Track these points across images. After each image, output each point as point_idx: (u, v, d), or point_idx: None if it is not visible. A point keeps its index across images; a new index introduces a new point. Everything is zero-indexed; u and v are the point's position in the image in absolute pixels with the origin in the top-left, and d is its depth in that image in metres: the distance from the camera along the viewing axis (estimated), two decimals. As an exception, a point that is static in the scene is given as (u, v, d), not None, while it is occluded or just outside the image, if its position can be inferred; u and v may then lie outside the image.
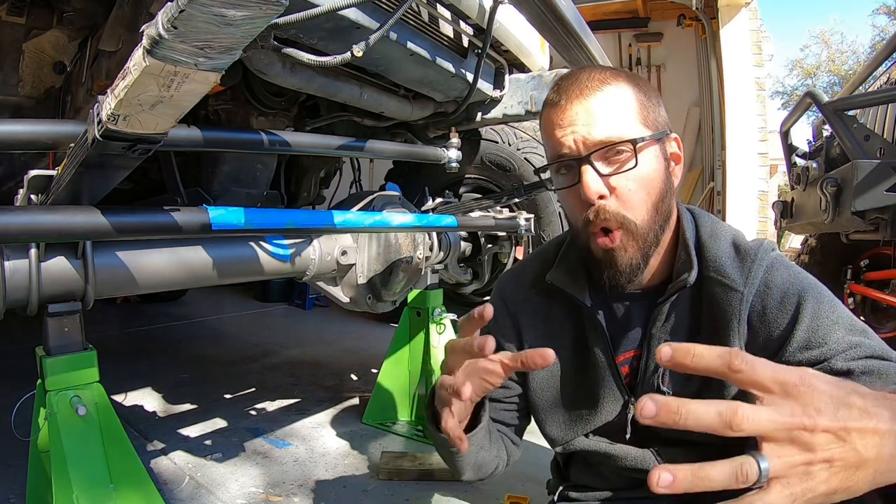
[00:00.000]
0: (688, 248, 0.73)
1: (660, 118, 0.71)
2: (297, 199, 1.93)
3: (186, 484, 1.34)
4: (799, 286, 0.70)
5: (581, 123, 0.67)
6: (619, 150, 0.67)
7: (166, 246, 1.03)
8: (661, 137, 0.71)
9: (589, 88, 0.68)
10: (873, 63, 2.09)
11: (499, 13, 1.23)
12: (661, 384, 0.76)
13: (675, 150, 0.74)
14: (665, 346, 0.40)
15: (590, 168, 0.67)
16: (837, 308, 0.69)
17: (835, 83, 15.81)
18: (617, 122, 0.67)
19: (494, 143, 2.35)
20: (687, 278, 0.71)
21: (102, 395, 0.86)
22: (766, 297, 0.70)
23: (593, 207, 0.68)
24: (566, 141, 0.68)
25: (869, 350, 0.64)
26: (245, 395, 2.02)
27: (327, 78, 1.18)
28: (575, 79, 0.69)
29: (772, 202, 2.85)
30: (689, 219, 0.76)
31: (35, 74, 1.27)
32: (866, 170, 1.55)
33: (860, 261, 2.61)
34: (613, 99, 0.68)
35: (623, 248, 0.69)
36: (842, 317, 0.67)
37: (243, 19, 0.47)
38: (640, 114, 0.69)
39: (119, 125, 0.60)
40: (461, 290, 2.45)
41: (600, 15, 5.35)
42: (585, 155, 0.67)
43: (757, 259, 0.71)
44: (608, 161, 0.68)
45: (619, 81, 0.69)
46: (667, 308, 0.74)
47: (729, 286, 0.71)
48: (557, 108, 0.69)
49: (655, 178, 0.70)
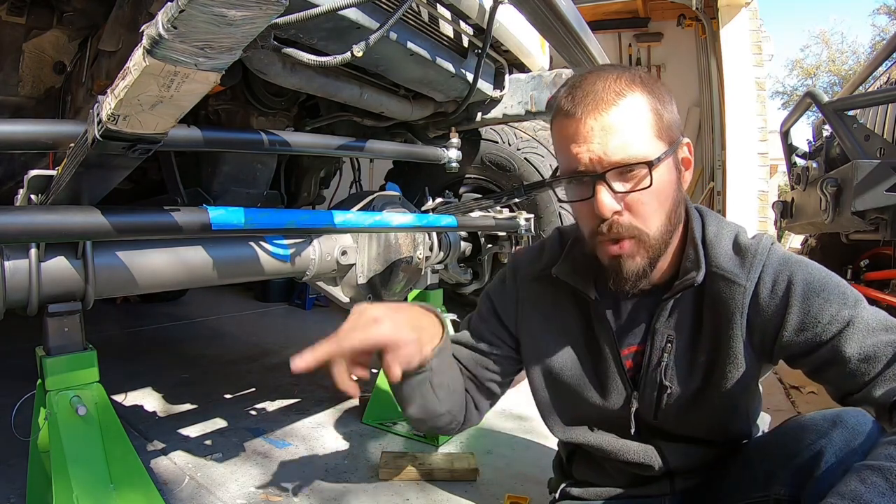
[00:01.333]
0: (696, 248, 0.74)
1: (674, 125, 0.71)
2: (297, 199, 1.93)
3: (186, 484, 1.34)
4: (789, 269, 0.70)
5: (597, 141, 0.66)
6: (634, 168, 0.66)
7: (166, 246, 1.03)
8: (675, 149, 0.71)
9: (605, 102, 0.66)
10: (873, 63, 2.09)
11: (499, 13, 1.23)
12: (663, 378, 0.77)
13: (686, 155, 0.74)
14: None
15: (604, 187, 0.67)
16: (828, 283, 0.68)
17: (835, 83, 15.81)
18: (633, 141, 0.66)
19: (494, 143, 2.35)
20: (695, 277, 0.73)
21: (102, 395, 0.86)
22: (762, 287, 0.71)
23: (606, 222, 0.68)
24: (582, 158, 0.67)
25: (863, 325, 0.65)
26: (245, 395, 2.02)
27: (327, 78, 1.18)
28: (591, 88, 0.68)
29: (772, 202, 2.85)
30: (697, 218, 0.77)
31: (35, 74, 1.27)
32: (866, 170, 1.55)
33: (860, 261, 2.61)
34: (630, 114, 0.67)
35: (631, 255, 0.70)
36: (833, 292, 0.67)
37: (243, 19, 0.47)
38: (655, 126, 0.68)
39: (119, 125, 0.60)
40: (461, 290, 2.45)
41: (600, 15, 5.34)
42: (601, 173, 0.67)
43: (758, 253, 0.72)
44: (623, 178, 0.67)
45: (634, 91, 0.68)
46: (671, 304, 0.76)
47: (732, 280, 0.72)
48: (573, 122, 0.68)
49: (668, 189, 0.70)
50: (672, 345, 0.76)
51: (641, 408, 0.80)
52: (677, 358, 0.76)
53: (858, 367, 0.64)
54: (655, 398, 0.78)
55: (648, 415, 0.80)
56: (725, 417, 0.79)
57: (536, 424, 1.81)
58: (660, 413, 0.79)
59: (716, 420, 0.79)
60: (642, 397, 0.80)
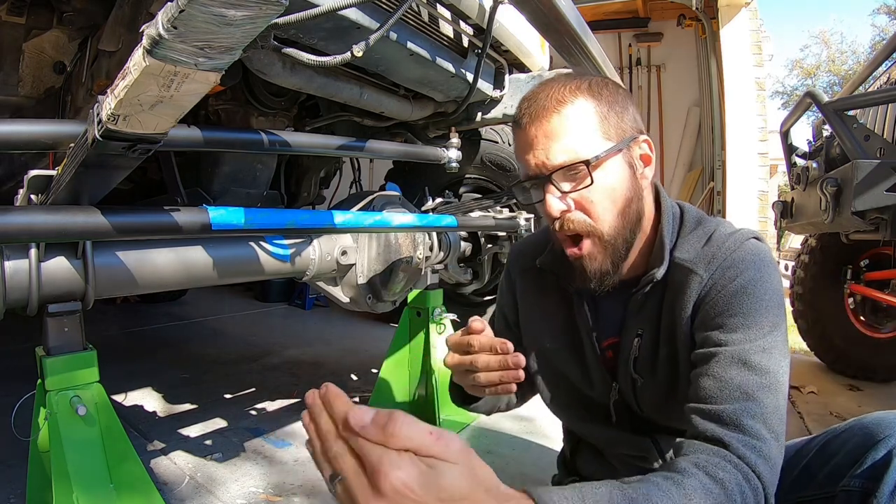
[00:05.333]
0: (662, 244, 0.76)
1: (624, 125, 0.73)
2: (297, 199, 1.93)
3: (186, 484, 1.34)
4: (740, 268, 0.69)
5: (540, 147, 0.71)
6: (576, 169, 0.70)
7: (166, 246, 1.03)
8: (623, 147, 0.73)
9: (546, 110, 0.71)
10: (873, 63, 2.09)
11: (499, 13, 1.23)
12: (632, 371, 0.80)
13: (645, 152, 0.76)
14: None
15: (550, 188, 0.71)
16: (758, 298, 0.67)
17: (835, 83, 15.80)
18: (573, 143, 0.70)
19: (494, 143, 2.35)
20: (656, 272, 0.75)
21: (102, 395, 0.86)
22: (715, 280, 0.71)
23: (558, 220, 0.73)
24: (530, 164, 0.73)
25: (746, 357, 0.64)
26: (245, 395, 2.02)
27: (327, 78, 1.18)
28: (535, 99, 0.73)
29: (772, 202, 2.85)
30: (673, 215, 0.78)
31: (35, 74, 1.27)
32: (866, 170, 1.55)
33: (860, 261, 2.61)
34: (570, 119, 0.70)
35: (591, 256, 0.74)
36: (754, 307, 0.67)
37: (243, 19, 0.47)
38: (600, 127, 0.71)
39: (119, 125, 0.60)
40: (461, 290, 2.45)
41: (600, 15, 5.35)
42: (546, 175, 0.71)
43: (724, 246, 0.72)
44: (569, 178, 0.71)
45: (577, 98, 0.71)
46: (641, 298, 0.78)
47: (690, 269, 0.73)
48: (522, 132, 0.73)
49: (619, 187, 0.72)
50: (640, 338, 0.78)
51: (622, 399, 0.83)
52: (645, 350, 0.79)
53: (711, 384, 0.64)
54: (632, 390, 0.81)
55: (632, 405, 0.83)
56: None
57: (536, 424, 1.81)
58: (641, 405, 0.81)
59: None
60: (622, 389, 0.83)
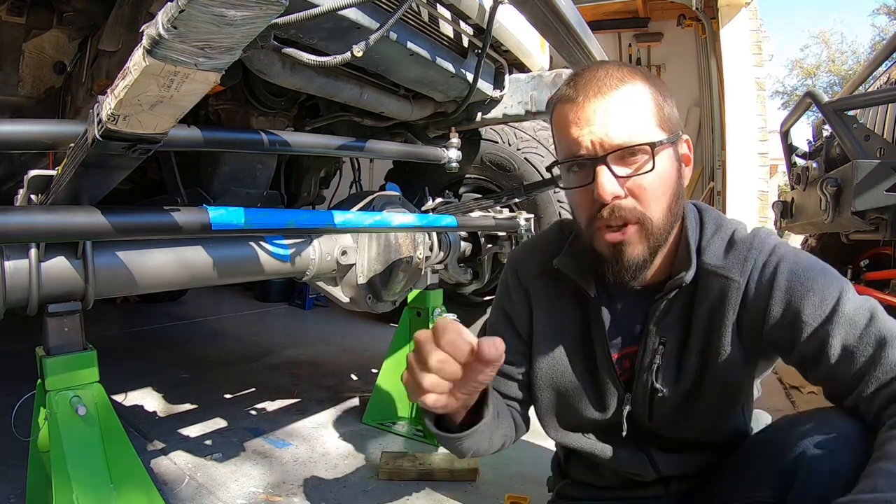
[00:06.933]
0: (688, 247, 0.73)
1: (673, 119, 0.71)
2: (297, 199, 1.93)
3: (186, 484, 1.34)
4: (776, 259, 0.69)
5: (599, 123, 0.66)
6: (636, 152, 0.66)
7: (166, 246, 1.03)
8: (675, 140, 0.70)
9: (607, 87, 0.66)
10: (873, 63, 2.09)
11: (499, 13, 1.23)
12: (654, 381, 0.75)
13: (686, 152, 0.74)
14: None
15: (605, 169, 0.66)
16: (812, 274, 0.66)
17: (835, 83, 15.80)
18: (635, 124, 0.66)
19: (494, 143, 2.35)
20: (684, 276, 0.72)
21: (102, 395, 0.86)
22: (752, 281, 0.69)
23: (607, 206, 0.67)
24: (583, 141, 0.67)
25: (845, 320, 0.62)
26: (245, 395, 2.02)
27: (327, 78, 1.18)
28: (593, 75, 0.68)
29: (772, 202, 2.85)
30: (694, 216, 0.76)
31: (35, 74, 1.27)
32: (866, 170, 1.55)
33: (860, 261, 2.61)
34: (632, 99, 0.67)
35: (633, 242, 0.69)
36: (817, 282, 0.65)
37: (243, 19, 0.47)
38: (657, 115, 0.68)
39: (119, 125, 0.60)
40: (461, 290, 2.45)
41: (600, 15, 5.34)
42: (602, 156, 0.66)
43: (752, 247, 0.71)
44: (624, 162, 0.67)
45: (636, 80, 0.68)
46: (664, 305, 0.74)
47: (725, 276, 0.70)
48: (574, 106, 0.67)
49: (670, 180, 0.69)
50: (664, 346, 0.75)
51: (634, 410, 0.79)
52: (669, 360, 0.75)
53: (842, 365, 0.62)
54: (648, 401, 0.77)
55: (642, 417, 0.79)
56: (719, 419, 0.77)
57: (536, 425, 1.80)
58: (654, 416, 0.78)
59: (710, 422, 0.77)
60: (635, 400, 0.78)
